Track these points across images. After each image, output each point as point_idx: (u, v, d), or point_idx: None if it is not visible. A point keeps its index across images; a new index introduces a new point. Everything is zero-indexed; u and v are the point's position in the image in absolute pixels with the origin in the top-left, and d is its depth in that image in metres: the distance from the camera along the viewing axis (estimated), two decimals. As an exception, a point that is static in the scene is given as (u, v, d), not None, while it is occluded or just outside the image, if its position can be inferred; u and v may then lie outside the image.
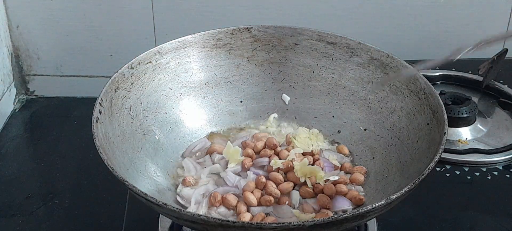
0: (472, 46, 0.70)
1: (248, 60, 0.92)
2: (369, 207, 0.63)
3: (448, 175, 0.94)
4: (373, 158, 0.84)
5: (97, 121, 0.74)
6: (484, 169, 0.95)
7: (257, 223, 0.63)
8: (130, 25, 1.19)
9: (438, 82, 1.13)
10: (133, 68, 0.83)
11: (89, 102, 0.78)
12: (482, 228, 0.86)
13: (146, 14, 1.18)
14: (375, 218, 0.82)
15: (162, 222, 0.82)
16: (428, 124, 0.78)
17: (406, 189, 0.65)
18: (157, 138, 0.84)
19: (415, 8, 1.20)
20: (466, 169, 0.95)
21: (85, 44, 1.21)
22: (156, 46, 0.87)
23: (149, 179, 0.78)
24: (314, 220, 0.61)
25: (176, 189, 0.80)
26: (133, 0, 1.17)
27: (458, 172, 0.95)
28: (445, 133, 0.72)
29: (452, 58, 0.70)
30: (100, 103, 0.76)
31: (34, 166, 1.06)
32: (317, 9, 1.19)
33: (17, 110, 1.20)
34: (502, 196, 0.91)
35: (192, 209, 0.76)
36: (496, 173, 0.94)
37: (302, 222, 0.61)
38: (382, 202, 0.63)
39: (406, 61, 0.85)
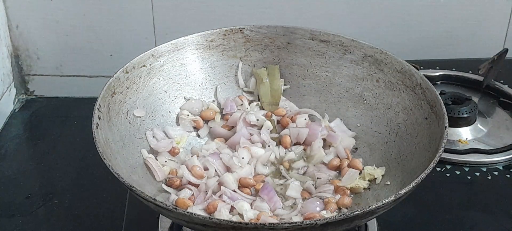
0: None
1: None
2: (379, 204, 0.64)
3: (448, 175, 0.94)
4: (371, 154, 0.84)
5: (97, 127, 0.73)
6: (484, 169, 0.95)
7: (269, 223, 0.63)
8: (130, 25, 1.19)
9: (438, 82, 1.13)
10: (128, 73, 0.83)
11: (89, 102, 0.78)
12: (482, 228, 0.86)
13: (146, 14, 1.18)
14: (375, 218, 0.82)
15: (162, 222, 0.81)
16: (426, 118, 0.78)
17: (405, 190, 0.65)
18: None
19: (415, 8, 1.20)
20: (466, 169, 0.95)
21: (85, 44, 1.21)
22: (156, 46, 0.87)
23: (150, 183, 0.78)
24: (326, 219, 0.62)
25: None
26: (133, 0, 1.17)
27: (458, 172, 0.94)
28: (445, 127, 0.72)
29: None
30: (98, 109, 0.76)
31: (34, 166, 1.06)
32: (318, 9, 1.19)
33: (17, 110, 1.20)
34: (502, 196, 0.91)
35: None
36: (496, 173, 0.94)
37: (314, 221, 0.62)
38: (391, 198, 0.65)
39: (406, 61, 0.85)
